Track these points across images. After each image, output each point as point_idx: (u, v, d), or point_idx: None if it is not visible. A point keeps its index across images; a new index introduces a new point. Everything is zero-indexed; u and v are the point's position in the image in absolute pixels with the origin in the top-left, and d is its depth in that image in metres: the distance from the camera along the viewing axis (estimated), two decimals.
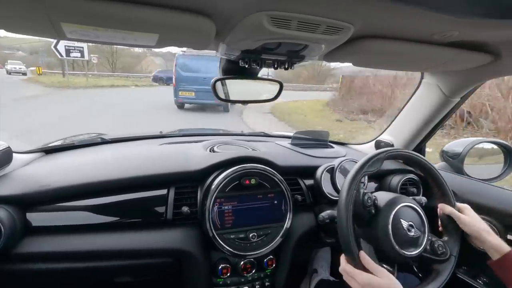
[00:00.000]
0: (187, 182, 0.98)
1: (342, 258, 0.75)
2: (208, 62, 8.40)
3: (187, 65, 8.88)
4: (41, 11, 0.48)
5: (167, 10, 0.52)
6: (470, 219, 0.80)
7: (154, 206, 0.93)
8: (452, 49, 0.75)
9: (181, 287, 0.97)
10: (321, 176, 1.08)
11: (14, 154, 0.93)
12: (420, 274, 1.10)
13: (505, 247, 0.74)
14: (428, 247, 0.80)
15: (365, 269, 0.70)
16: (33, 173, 0.93)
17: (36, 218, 0.83)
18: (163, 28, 0.58)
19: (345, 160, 1.12)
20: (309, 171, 1.13)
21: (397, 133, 1.38)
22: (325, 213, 0.93)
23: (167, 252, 0.90)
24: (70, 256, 0.82)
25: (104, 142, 1.29)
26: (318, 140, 1.44)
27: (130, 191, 0.92)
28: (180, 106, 9.49)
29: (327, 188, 1.07)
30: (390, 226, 0.77)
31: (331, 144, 1.48)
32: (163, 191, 0.94)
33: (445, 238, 0.84)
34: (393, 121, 1.41)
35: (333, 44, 0.68)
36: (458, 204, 0.85)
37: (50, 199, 0.85)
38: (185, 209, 0.92)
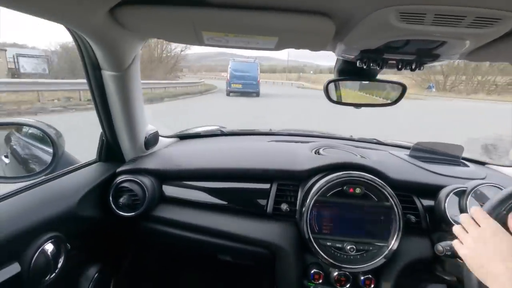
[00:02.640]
0: (289, 181, 1.01)
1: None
2: (249, 65, 14.77)
3: (236, 67, 14.56)
4: (190, 23, 0.59)
5: (287, 13, 0.55)
6: None
7: (257, 198, 1.00)
8: None
9: (273, 281, 1.01)
10: (445, 198, 0.90)
11: (159, 137, 1.18)
12: None
13: None
14: None
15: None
16: (171, 154, 1.17)
17: (169, 190, 1.03)
18: (283, 31, 0.61)
19: (484, 184, 0.89)
20: (430, 190, 0.96)
21: None
22: (446, 244, 0.77)
23: (263, 244, 0.95)
24: (187, 226, 0.98)
25: (223, 134, 1.50)
26: (447, 155, 1.20)
27: (239, 180, 1.03)
28: (227, 94, 15.04)
29: (452, 213, 0.89)
30: None
31: (465, 162, 1.21)
32: (267, 185, 1.01)
33: None
34: None
35: (482, 39, 0.55)
36: None
37: (180, 177, 1.04)
38: (284, 206, 0.95)
